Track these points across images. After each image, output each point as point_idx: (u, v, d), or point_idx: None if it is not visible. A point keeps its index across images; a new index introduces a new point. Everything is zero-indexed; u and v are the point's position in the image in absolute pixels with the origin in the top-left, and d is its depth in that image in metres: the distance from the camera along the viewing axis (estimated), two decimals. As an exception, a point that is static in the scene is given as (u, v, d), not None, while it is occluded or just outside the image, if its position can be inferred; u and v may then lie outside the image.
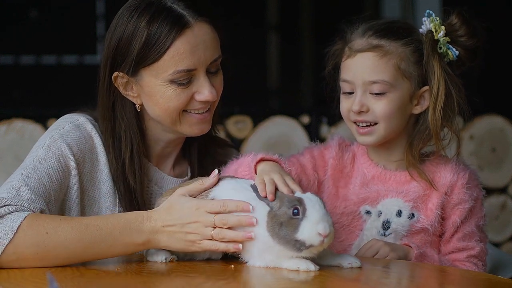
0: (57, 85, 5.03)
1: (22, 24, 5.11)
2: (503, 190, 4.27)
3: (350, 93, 2.43)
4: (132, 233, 2.12)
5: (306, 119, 4.07)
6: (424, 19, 2.44)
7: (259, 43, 5.61)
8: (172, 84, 2.30)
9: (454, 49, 2.42)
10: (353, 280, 2.03)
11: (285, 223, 2.01)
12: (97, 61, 4.83)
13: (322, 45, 2.55)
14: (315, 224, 1.99)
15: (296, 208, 2.01)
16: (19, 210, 2.11)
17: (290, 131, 4.06)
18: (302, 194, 2.06)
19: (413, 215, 2.43)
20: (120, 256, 2.18)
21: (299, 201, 2.02)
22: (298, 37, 5.63)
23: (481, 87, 3.76)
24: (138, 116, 2.40)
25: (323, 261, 2.07)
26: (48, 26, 5.10)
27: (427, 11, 2.43)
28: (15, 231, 2.07)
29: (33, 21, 5.15)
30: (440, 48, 2.42)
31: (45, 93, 5.03)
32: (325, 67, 2.52)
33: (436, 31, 2.41)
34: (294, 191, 2.08)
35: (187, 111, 2.35)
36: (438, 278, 2.15)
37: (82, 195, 2.34)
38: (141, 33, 2.28)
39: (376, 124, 2.41)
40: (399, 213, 2.43)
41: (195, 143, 2.51)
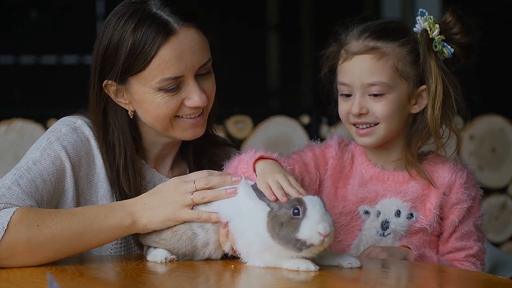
0: (57, 85, 5.02)
1: (22, 24, 5.10)
2: (503, 190, 4.27)
3: (348, 95, 2.43)
4: (116, 215, 2.16)
5: (306, 119, 4.07)
6: (418, 18, 2.44)
7: (259, 43, 5.61)
8: (160, 92, 2.29)
9: (449, 47, 2.42)
10: (353, 280, 2.03)
11: (286, 223, 2.01)
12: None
13: (322, 45, 2.55)
14: (315, 224, 1.99)
15: (296, 208, 2.01)
16: (7, 208, 2.12)
17: (290, 131, 4.05)
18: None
19: (411, 215, 2.43)
20: (110, 242, 2.21)
21: (299, 201, 2.03)
22: (298, 37, 5.63)
23: (481, 87, 3.76)
24: (131, 122, 2.39)
25: (323, 261, 2.08)
26: (48, 26, 5.09)
27: (420, 9, 2.43)
28: (5, 228, 2.08)
29: (33, 21, 5.15)
30: (436, 46, 2.42)
31: (45, 93, 5.03)
32: (320, 70, 2.52)
33: (430, 30, 2.41)
34: (303, 194, 2.07)
35: (179, 117, 2.34)
36: (437, 278, 2.15)
37: (78, 198, 2.34)
38: (126, 41, 2.27)
39: (377, 124, 2.41)
40: (398, 213, 2.43)
41: (191, 145, 2.51)
